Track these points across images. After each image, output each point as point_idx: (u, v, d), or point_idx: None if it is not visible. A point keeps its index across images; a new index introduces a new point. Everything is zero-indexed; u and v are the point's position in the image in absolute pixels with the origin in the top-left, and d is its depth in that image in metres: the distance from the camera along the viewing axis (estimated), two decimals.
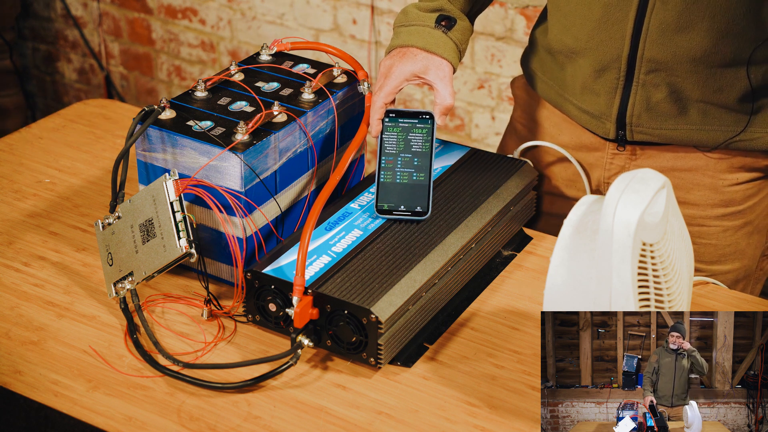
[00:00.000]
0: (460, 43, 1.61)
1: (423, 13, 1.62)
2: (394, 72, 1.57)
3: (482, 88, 2.91)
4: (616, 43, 1.56)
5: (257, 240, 1.50)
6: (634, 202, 1.20)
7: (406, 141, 1.54)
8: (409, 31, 1.60)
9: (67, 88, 3.66)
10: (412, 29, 1.60)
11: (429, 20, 1.61)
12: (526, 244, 1.65)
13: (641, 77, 1.57)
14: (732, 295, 1.56)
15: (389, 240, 1.48)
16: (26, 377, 1.36)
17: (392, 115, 1.55)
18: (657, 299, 1.22)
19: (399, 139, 1.54)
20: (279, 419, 1.31)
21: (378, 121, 1.55)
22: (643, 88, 1.57)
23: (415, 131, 1.54)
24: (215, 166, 1.46)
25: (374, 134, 1.55)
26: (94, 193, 1.74)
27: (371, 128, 1.56)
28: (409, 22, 1.62)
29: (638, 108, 1.59)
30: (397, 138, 1.54)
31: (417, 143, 1.54)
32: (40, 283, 1.53)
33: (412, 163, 1.53)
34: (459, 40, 1.61)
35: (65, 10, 3.49)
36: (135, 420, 1.30)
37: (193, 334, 1.44)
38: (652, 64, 1.55)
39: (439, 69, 1.57)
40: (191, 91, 1.57)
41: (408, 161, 1.53)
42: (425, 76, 1.57)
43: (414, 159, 1.53)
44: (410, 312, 1.41)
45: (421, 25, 1.60)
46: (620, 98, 1.60)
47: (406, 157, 1.53)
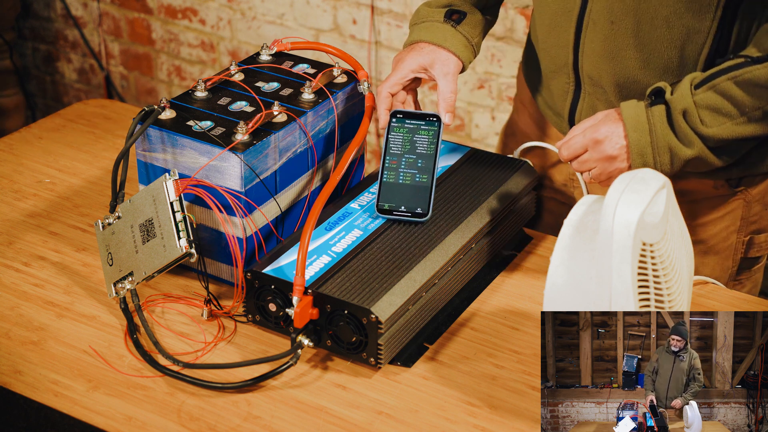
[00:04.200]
0: (471, 36, 1.61)
1: (433, 9, 1.63)
2: (402, 64, 1.58)
3: (482, 88, 2.91)
4: (563, 51, 1.58)
5: (257, 240, 1.50)
6: (634, 202, 1.20)
7: (411, 142, 1.54)
8: (420, 28, 1.61)
9: (67, 88, 3.66)
10: (422, 26, 1.61)
11: (438, 15, 1.61)
12: (526, 244, 1.65)
13: (587, 87, 1.59)
14: (732, 295, 1.55)
15: (389, 240, 1.48)
16: (26, 377, 1.36)
17: (400, 116, 1.55)
18: (657, 299, 1.22)
19: (405, 141, 1.54)
20: (279, 419, 1.31)
21: (386, 111, 1.55)
22: (589, 96, 1.59)
23: (421, 133, 1.54)
24: (215, 166, 1.46)
25: (382, 125, 1.55)
26: (94, 193, 1.75)
27: (380, 119, 1.56)
28: (420, 20, 1.63)
29: (585, 114, 1.61)
30: (402, 139, 1.54)
31: (422, 145, 1.54)
32: (40, 283, 1.53)
33: (416, 164, 1.53)
34: (470, 33, 1.60)
35: (65, 10, 3.49)
36: (135, 420, 1.30)
37: (193, 334, 1.44)
38: (591, 79, 1.56)
39: (444, 64, 1.57)
40: (191, 91, 1.57)
41: (412, 162, 1.53)
42: (431, 70, 1.57)
43: (418, 161, 1.53)
44: (410, 312, 1.41)
45: (431, 21, 1.61)
46: (571, 101, 1.62)
47: (411, 159, 1.53)
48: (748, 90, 1.39)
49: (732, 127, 1.41)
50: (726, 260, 1.64)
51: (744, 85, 1.39)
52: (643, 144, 1.43)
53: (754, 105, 1.40)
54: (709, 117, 1.41)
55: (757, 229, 1.64)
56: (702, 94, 1.41)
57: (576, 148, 1.47)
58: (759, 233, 1.64)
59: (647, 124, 1.43)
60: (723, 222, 1.61)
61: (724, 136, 1.42)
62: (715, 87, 1.41)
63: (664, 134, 1.43)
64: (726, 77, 1.40)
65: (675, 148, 1.43)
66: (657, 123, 1.43)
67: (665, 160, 1.44)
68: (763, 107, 1.40)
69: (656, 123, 1.43)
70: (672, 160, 1.44)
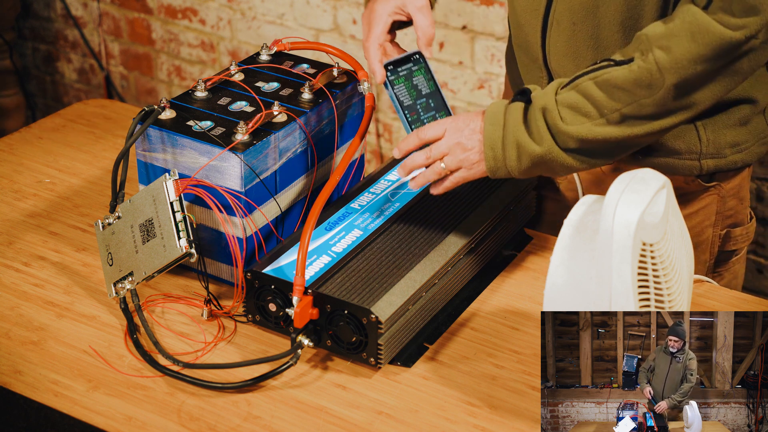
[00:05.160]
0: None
1: None
2: (376, 12, 1.56)
3: (482, 88, 2.91)
4: (533, 47, 1.59)
5: (257, 240, 1.50)
6: (634, 202, 1.20)
7: (414, 87, 1.52)
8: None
9: (67, 88, 3.66)
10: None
11: None
12: (526, 244, 1.65)
13: None
14: (732, 295, 1.56)
15: (389, 240, 1.48)
16: (26, 377, 1.36)
17: (390, 67, 1.53)
18: (657, 299, 1.22)
19: (408, 89, 1.52)
20: (279, 419, 1.31)
21: (379, 65, 1.54)
22: None
23: (416, 74, 1.53)
24: (215, 166, 1.46)
25: (379, 80, 1.53)
26: (94, 193, 1.74)
27: (375, 75, 1.54)
28: None
29: None
30: (406, 88, 1.52)
31: (423, 85, 1.53)
32: (40, 283, 1.53)
33: (430, 105, 1.52)
34: None
35: (65, 10, 3.49)
36: (135, 420, 1.30)
37: (193, 334, 1.44)
38: (559, 76, 1.57)
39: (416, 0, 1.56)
40: (191, 91, 1.57)
41: (426, 105, 1.52)
42: (405, 8, 1.56)
43: (429, 101, 1.52)
44: (410, 312, 1.41)
45: None
46: None
47: (423, 103, 1.52)
48: (607, 90, 1.40)
49: (591, 127, 1.41)
50: (703, 254, 1.65)
51: (602, 85, 1.40)
52: (495, 137, 1.44)
53: (612, 107, 1.40)
54: (569, 115, 1.42)
55: (734, 222, 1.64)
56: (565, 93, 1.42)
57: (437, 130, 1.47)
58: (735, 227, 1.65)
59: (502, 118, 1.44)
60: (697, 217, 1.62)
61: (582, 135, 1.42)
62: (577, 87, 1.42)
63: (514, 129, 1.43)
64: (588, 77, 1.41)
65: (524, 144, 1.43)
66: (510, 118, 1.44)
67: (512, 155, 1.44)
68: (620, 110, 1.40)
69: (509, 118, 1.44)
70: (519, 155, 1.43)
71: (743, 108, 1.54)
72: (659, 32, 1.37)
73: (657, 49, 1.36)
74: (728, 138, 1.54)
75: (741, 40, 1.34)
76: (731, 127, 1.54)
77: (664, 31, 1.37)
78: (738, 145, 1.56)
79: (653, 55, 1.36)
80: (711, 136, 1.54)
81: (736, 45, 1.34)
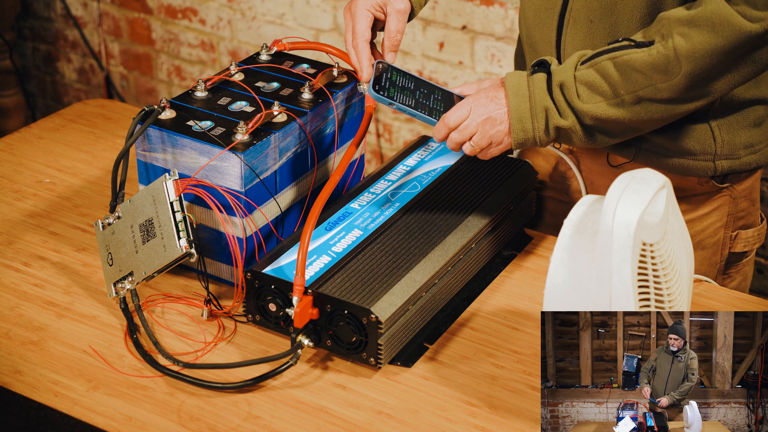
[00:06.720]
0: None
1: None
2: (357, 10, 1.54)
3: None
4: (546, 46, 1.59)
5: (257, 240, 1.50)
6: (634, 202, 1.20)
7: (404, 88, 1.49)
8: None
9: (67, 88, 3.66)
10: None
11: None
12: (526, 244, 1.65)
13: None
14: (732, 295, 1.56)
15: (389, 240, 1.48)
16: (26, 377, 1.36)
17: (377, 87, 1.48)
18: (657, 299, 1.22)
19: (402, 92, 1.49)
20: (279, 419, 1.31)
21: (368, 62, 1.52)
22: None
23: (395, 77, 1.49)
24: (215, 166, 1.46)
25: (366, 79, 1.52)
26: (94, 193, 1.75)
27: (362, 72, 1.53)
28: None
29: None
30: (401, 93, 1.49)
31: (407, 82, 1.50)
32: (40, 283, 1.53)
33: (425, 93, 1.49)
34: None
35: (65, 10, 3.49)
36: (135, 420, 1.30)
37: (193, 334, 1.44)
38: None
39: (398, 1, 1.54)
40: (191, 91, 1.57)
41: (424, 95, 1.49)
42: (385, 8, 1.55)
43: (422, 90, 1.49)
44: (410, 312, 1.41)
45: None
46: None
47: (419, 94, 1.49)
48: (624, 72, 1.40)
49: (606, 107, 1.42)
50: (714, 255, 1.65)
51: (621, 66, 1.40)
52: (522, 109, 1.45)
53: (628, 89, 1.40)
54: (585, 93, 1.42)
55: (745, 224, 1.64)
56: (584, 71, 1.43)
57: (462, 113, 1.46)
58: (746, 228, 1.64)
59: (527, 90, 1.45)
60: (710, 218, 1.62)
61: (597, 114, 1.42)
62: (596, 65, 1.42)
63: (541, 98, 1.44)
64: (607, 57, 1.42)
65: (552, 116, 1.44)
66: (536, 89, 1.44)
67: (541, 126, 1.44)
68: (636, 92, 1.40)
69: (535, 89, 1.44)
70: (547, 127, 1.44)
71: (758, 109, 1.54)
72: (682, 17, 1.37)
73: (677, 35, 1.36)
74: (743, 139, 1.54)
75: (760, 32, 1.34)
76: (746, 128, 1.54)
77: (686, 17, 1.37)
78: (752, 146, 1.55)
79: (673, 41, 1.37)
80: (726, 137, 1.54)
81: (755, 37, 1.35)
